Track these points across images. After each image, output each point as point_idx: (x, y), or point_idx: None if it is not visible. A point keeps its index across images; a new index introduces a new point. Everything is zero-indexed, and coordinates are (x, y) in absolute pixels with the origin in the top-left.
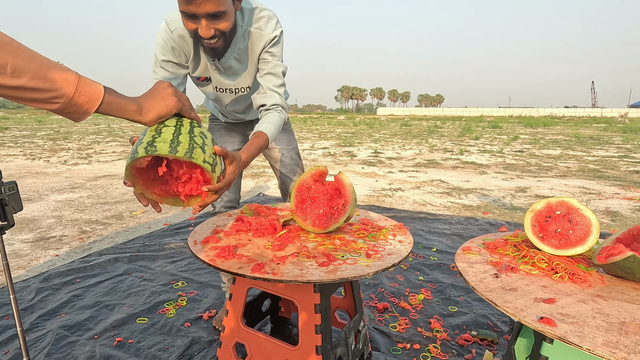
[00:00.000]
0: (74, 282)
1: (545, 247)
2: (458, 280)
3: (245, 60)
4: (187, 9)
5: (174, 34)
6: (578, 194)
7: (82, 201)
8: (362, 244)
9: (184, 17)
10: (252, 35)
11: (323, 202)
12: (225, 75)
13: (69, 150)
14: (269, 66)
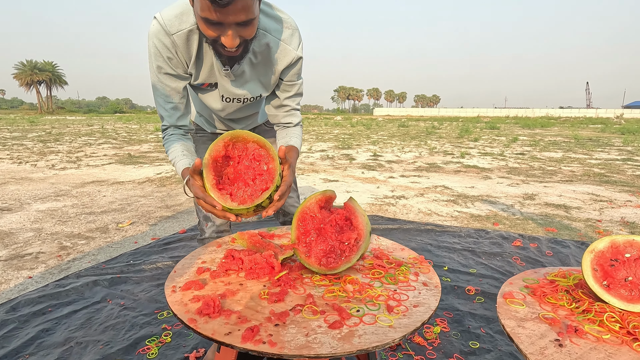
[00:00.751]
0: (45, 311)
1: (614, 299)
2: (476, 307)
3: (261, 68)
4: (214, 16)
5: (175, 38)
6: (589, 201)
7: (65, 211)
8: (380, 290)
9: (206, 24)
10: (275, 47)
11: (331, 235)
12: (236, 83)
13: (58, 154)
14: (295, 88)
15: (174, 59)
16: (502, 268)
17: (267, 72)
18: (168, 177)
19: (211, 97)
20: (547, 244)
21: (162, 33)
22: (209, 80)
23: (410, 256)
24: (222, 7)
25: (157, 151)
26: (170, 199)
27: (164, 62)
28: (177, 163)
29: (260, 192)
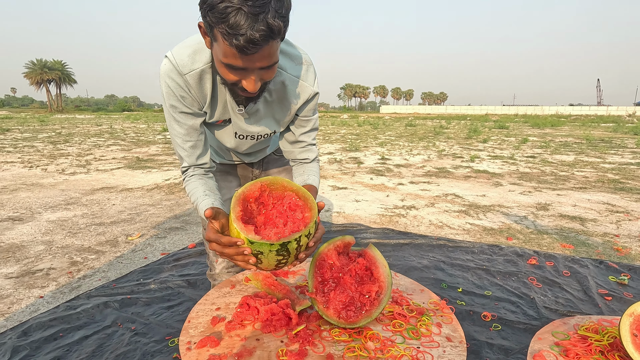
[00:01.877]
0: (57, 337)
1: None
2: (493, 336)
3: (276, 106)
4: (239, 63)
5: (187, 78)
6: (604, 212)
7: (75, 221)
8: (403, 348)
9: (229, 69)
10: (292, 84)
11: (351, 286)
12: (250, 120)
13: (68, 157)
14: (311, 123)
15: (187, 98)
16: (518, 290)
17: (282, 109)
18: (176, 183)
19: (225, 133)
20: (563, 262)
21: (174, 72)
22: (223, 117)
23: (431, 300)
24: (247, 54)
25: (165, 154)
26: (178, 207)
27: (178, 102)
28: (199, 204)
29: (289, 233)
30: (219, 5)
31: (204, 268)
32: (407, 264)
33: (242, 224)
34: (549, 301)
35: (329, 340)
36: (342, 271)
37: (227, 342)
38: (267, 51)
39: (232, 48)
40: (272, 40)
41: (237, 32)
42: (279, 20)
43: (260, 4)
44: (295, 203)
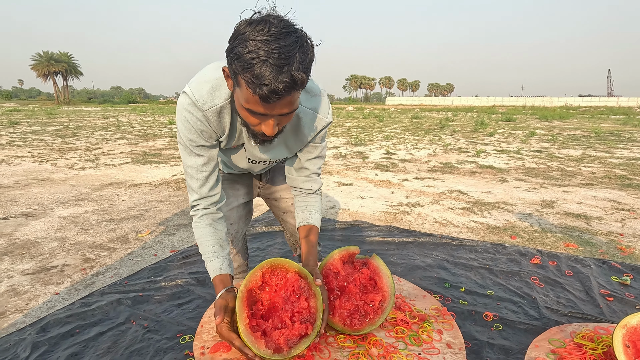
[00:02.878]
0: (73, 333)
1: None
2: (494, 336)
3: (289, 135)
4: (260, 109)
5: (207, 114)
6: (610, 210)
7: (87, 217)
8: (405, 354)
9: (250, 113)
10: (306, 115)
11: (355, 295)
12: (263, 149)
13: (76, 151)
14: (318, 150)
15: (206, 131)
16: (520, 290)
17: (296, 139)
18: (184, 179)
19: (238, 156)
20: (566, 262)
21: (194, 108)
22: (238, 142)
23: (433, 306)
24: (270, 102)
25: (171, 148)
26: (186, 204)
27: (197, 136)
28: (207, 263)
29: (298, 337)
30: (246, 56)
31: None
32: (411, 263)
33: (252, 337)
34: (550, 301)
35: (334, 346)
36: (347, 280)
37: None
38: (289, 100)
39: (255, 96)
40: (294, 91)
41: (261, 83)
42: (302, 73)
43: (285, 57)
44: (299, 285)
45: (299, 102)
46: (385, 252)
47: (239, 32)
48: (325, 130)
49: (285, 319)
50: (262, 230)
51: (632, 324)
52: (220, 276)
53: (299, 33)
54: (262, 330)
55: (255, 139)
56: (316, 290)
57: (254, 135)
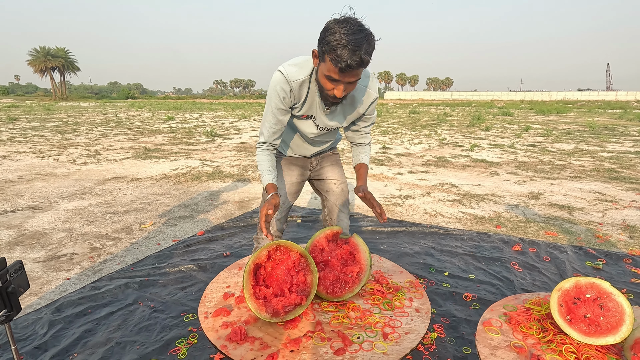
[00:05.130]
0: (86, 312)
1: (574, 332)
2: (471, 314)
3: (347, 107)
4: (337, 77)
5: (293, 85)
6: (594, 201)
7: (91, 210)
8: (378, 316)
9: (328, 80)
10: (359, 90)
11: (337, 267)
12: (329, 117)
13: (77, 147)
14: (371, 119)
15: (287, 98)
16: (499, 274)
17: (351, 109)
18: (184, 173)
19: (306, 124)
20: (545, 248)
21: (283, 81)
22: (308, 113)
23: (407, 280)
24: (345, 72)
25: (171, 143)
26: (187, 197)
27: (280, 101)
28: (263, 176)
29: (293, 305)
30: (333, 42)
31: (212, 253)
32: (399, 250)
33: (255, 304)
34: (526, 283)
35: (319, 311)
36: (330, 255)
37: (236, 312)
38: (356, 72)
39: (336, 68)
40: (361, 67)
41: (341, 60)
42: (367, 56)
43: (358, 45)
44: (299, 262)
45: None
46: (377, 241)
47: (329, 27)
48: (375, 104)
49: (284, 289)
50: None
51: (565, 287)
52: (272, 184)
53: (368, 31)
54: (263, 297)
55: (327, 102)
56: (314, 269)
57: (325, 99)
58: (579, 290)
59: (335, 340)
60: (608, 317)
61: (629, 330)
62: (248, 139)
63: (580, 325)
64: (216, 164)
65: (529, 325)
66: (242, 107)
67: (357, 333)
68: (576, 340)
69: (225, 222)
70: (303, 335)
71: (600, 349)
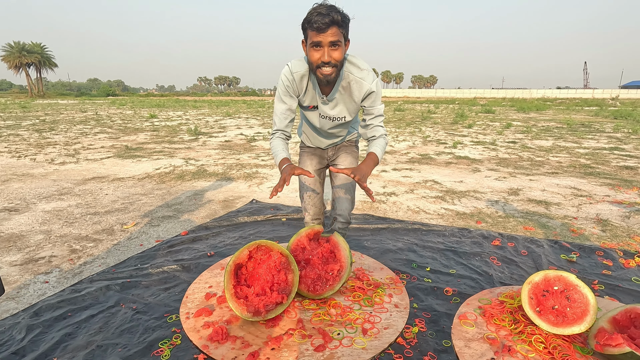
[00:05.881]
0: (66, 316)
1: (542, 323)
2: (451, 308)
3: (345, 98)
4: (317, 39)
5: (295, 75)
6: (570, 196)
7: (70, 211)
8: (358, 312)
9: (313, 47)
10: (355, 82)
11: (318, 265)
12: (329, 106)
13: (55, 146)
14: (375, 110)
15: (291, 87)
16: (479, 268)
17: (350, 100)
18: (167, 172)
19: (314, 115)
20: (523, 243)
21: (288, 72)
22: (313, 104)
23: (387, 276)
24: (321, 31)
25: (153, 142)
26: (170, 196)
27: (285, 89)
28: (277, 154)
29: (274, 304)
30: (308, 16)
31: (196, 253)
32: (383, 247)
33: (236, 303)
34: (504, 277)
35: (300, 308)
36: (311, 254)
37: (218, 312)
38: (332, 31)
39: (313, 31)
40: (333, 25)
41: (315, 21)
42: (337, 15)
43: (328, 9)
44: (280, 261)
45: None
46: (360, 238)
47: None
48: (374, 97)
49: (265, 288)
50: (245, 220)
51: (535, 281)
52: (285, 159)
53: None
54: (244, 296)
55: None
56: (294, 268)
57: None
58: (548, 283)
59: (315, 337)
60: (574, 308)
61: (593, 320)
62: (233, 137)
63: (549, 316)
64: (200, 162)
65: (501, 318)
66: (227, 105)
67: (337, 330)
68: (545, 330)
69: (210, 222)
70: (284, 333)
71: (567, 338)
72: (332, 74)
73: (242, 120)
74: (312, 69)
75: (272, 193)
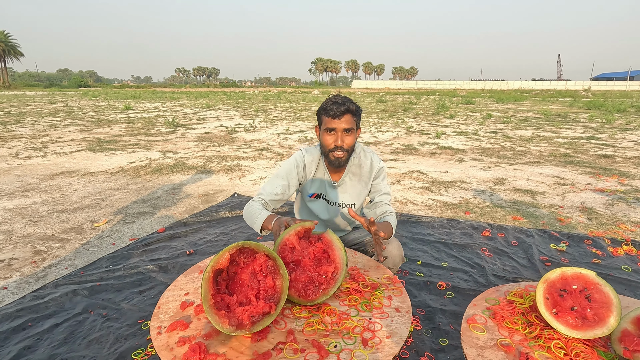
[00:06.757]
0: (25, 326)
1: (561, 326)
2: (446, 303)
3: (355, 183)
4: (331, 125)
5: (306, 159)
6: (553, 185)
7: (35, 209)
8: (356, 320)
9: (327, 132)
10: (364, 167)
11: (310, 267)
12: (338, 191)
13: (21, 139)
14: (383, 187)
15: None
16: (471, 260)
17: (360, 183)
18: (143, 166)
19: (320, 206)
20: (513, 233)
21: (300, 156)
22: (318, 192)
23: (385, 275)
24: (336, 118)
25: (128, 134)
26: (146, 191)
27: (294, 168)
28: (258, 216)
29: (261, 314)
30: (323, 104)
31: (174, 252)
32: None
33: (216, 315)
34: (497, 269)
35: (290, 317)
36: (302, 254)
37: (196, 324)
38: (346, 119)
39: (329, 117)
40: (347, 113)
41: (331, 109)
42: (352, 105)
43: (343, 98)
44: (266, 265)
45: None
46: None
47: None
48: (383, 172)
49: (250, 296)
50: (226, 215)
51: (551, 279)
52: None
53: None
54: (226, 307)
55: (333, 164)
56: (283, 272)
57: (330, 160)
58: (565, 281)
59: (310, 350)
60: (595, 309)
61: (617, 321)
62: (213, 128)
63: (567, 318)
64: (178, 155)
65: (514, 320)
66: (206, 96)
67: (333, 341)
68: (564, 334)
69: (189, 217)
70: (273, 348)
71: (588, 342)
72: (343, 158)
73: (222, 112)
74: (325, 153)
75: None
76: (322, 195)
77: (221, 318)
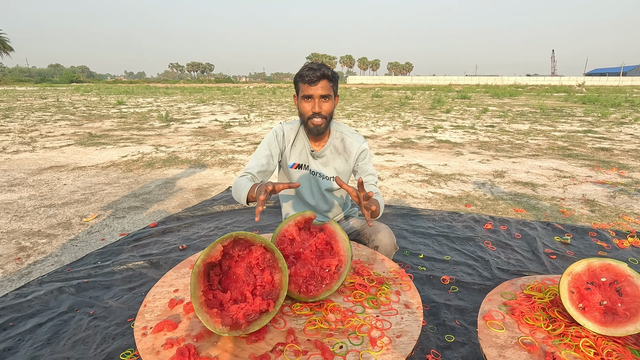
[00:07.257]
0: (6, 327)
1: (589, 323)
2: (450, 298)
3: (336, 158)
4: (309, 91)
5: (285, 127)
6: (553, 177)
7: (22, 204)
8: (362, 317)
9: (304, 99)
10: (346, 142)
11: (311, 261)
12: (320, 161)
13: (9, 133)
14: (369, 168)
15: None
16: (474, 253)
17: (341, 160)
18: (135, 160)
19: (302, 176)
20: (516, 225)
21: (279, 127)
22: (299, 161)
23: (391, 269)
24: (312, 84)
25: (120, 129)
26: (137, 185)
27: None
28: (245, 186)
29: (257, 313)
30: (300, 71)
31: (166, 247)
32: None
33: (207, 315)
34: (501, 262)
35: (290, 315)
36: (302, 246)
37: (185, 324)
38: (323, 85)
39: (305, 84)
40: (323, 78)
41: (306, 75)
42: (327, 71)
43: (318, 65)
44: (263, 258)
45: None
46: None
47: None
48: (364, 156)
49: (246, 292)
50: (221, 209)
51: (576, 271)
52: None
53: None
54: (219, 305)
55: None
56: (282, 265)
57: (309, 128)
58: (592, 273)
59: (312, 352)
60: (627, 304)
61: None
62: (207, 123)
63: (595, 314)
64: (172, 149)
65: (534, 317)
66: (200, 92)
67: (338, 341)
68: (592, 331)
69: (182, 212)
70: (272, 350)
71: (619, 340)
72: (322, 125)
73: (217, 107)
74: (303, 120)
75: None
76: (303, 165)
77: (213, 317)
